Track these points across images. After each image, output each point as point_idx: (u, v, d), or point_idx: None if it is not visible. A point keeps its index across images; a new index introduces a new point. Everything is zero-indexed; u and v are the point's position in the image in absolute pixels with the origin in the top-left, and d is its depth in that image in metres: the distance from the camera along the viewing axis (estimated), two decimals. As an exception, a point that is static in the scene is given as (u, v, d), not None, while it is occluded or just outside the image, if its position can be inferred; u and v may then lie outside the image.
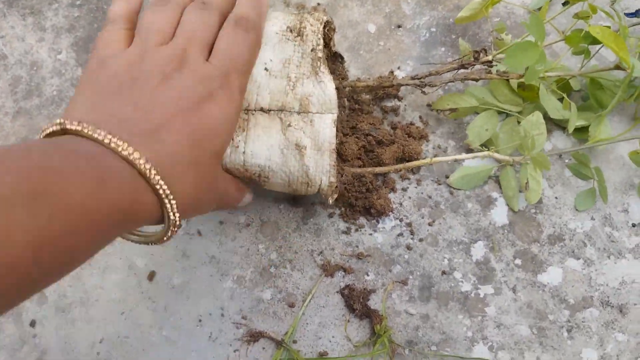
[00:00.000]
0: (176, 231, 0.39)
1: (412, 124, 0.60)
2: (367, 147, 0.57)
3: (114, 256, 0.56)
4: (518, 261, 0.55)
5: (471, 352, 0.52)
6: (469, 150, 0.59)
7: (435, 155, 0.59)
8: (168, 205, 0.37)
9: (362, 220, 0.56)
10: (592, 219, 0.56)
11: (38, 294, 0.55)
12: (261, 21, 0.46)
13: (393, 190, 0.57)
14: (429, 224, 0.57)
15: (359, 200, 0.56)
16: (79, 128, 0.35)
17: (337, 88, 0.50)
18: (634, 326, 0.53)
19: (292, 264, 0.55)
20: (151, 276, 0.55)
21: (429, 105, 0.62)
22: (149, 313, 0.54)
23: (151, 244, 0.41)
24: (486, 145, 0.59)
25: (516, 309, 0.54)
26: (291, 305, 0.54)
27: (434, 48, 0.64)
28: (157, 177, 0.36)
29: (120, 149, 0.35)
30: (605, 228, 0.56)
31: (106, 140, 0.35)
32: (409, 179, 0.58)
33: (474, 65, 0.56)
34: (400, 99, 0.62)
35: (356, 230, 0.56)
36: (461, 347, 0.53)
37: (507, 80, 0.58)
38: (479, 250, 0.56)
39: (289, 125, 0.48)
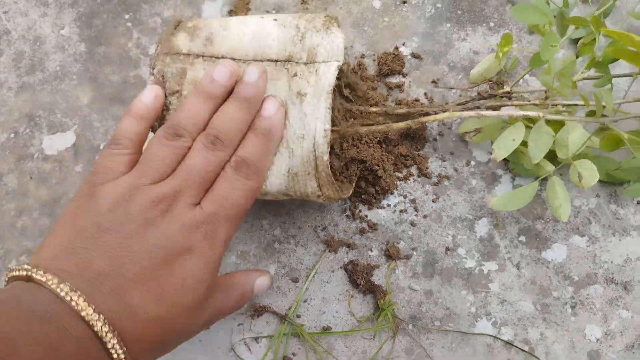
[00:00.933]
0: None
1: (416, 100, 0.60)
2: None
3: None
4: (522, 238, 0.55)
5: (474, 327, 0.53)
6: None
7: (440, 133, 0.59)
8: None
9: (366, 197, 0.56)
10: (597, 196, 0.56)
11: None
12: (265, 165, 0.44)
13: (397, 168, 0.57)
14: (433, 201, 0.56)
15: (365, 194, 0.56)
16: (43, 279, 0.34)
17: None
18: (638, 303, 0.53)
19: (296, 240, 0.55)
20: None
21: (433, 81, 0.61)
22: None
23: None
24: (507, 159, 0.57)
25: (520, 285, 0.54)
26: (295, 281, 0.54)
27: (439, 24, 0.64)
28: (114, 342, 0.34)
29: (79, 308, 0.34)
30: (610, 205, 0.56)
31: (67, 298, 0.34)
32: (413, 157, 0.58)
33: (493, 96, 0.55)
34: (405, 75, 0.62)
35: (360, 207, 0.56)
36: (464, 323, 0.53)
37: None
38: (483, 227, 0.56)
39: (295, 75, 0.46)
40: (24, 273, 0.35)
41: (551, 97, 0.52)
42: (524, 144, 0.51)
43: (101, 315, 0.34)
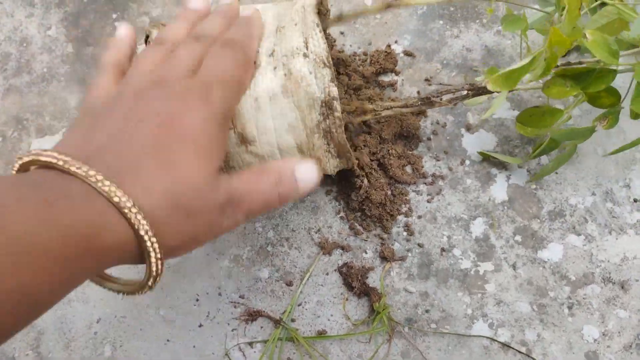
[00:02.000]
0: (161, 269, 0.35)
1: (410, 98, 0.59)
2: (370, 122, 0.56)
3: (109, 236, 0.55)
4: (518, 238, 0.55)
5: (471, 329, 0.52)
6: (469, 126, 0.58)
7: (434, 132, 0.58)
8: (134, 221, 0.32)
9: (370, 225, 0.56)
10: (594, 194, 0.56)
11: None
12: (252, 44, 0.44)
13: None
14: (428, 201, 0.56)
15: (375, 210, 0.55)
16: (30, 157, 0.33)
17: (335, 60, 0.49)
18: (636, 302, 0.52)
19: (290, 242, 0.55)
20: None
21: (426, 79, 0.60)
22: (146, 293, 0.53)
23: (131, 294, 0.37)
24: None
25: (516, 285, 0.53)
26: (289, 284, 0.53)
27: (431, 21, 0.63)
28: (113, 189, 0.32)
29: (67, 165, 0.32)
30: (606, 204, 0.55)
31: (59, 162, 0.32)
32: (408, 157, 0.57)
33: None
34: (397, 73, 0.61)
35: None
36: (461, 325, 0.52)
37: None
38: (478, 227, 0.55)
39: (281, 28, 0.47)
40: (30, 158, 0.33)
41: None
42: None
43: (93, 168, 0.32)
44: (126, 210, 0.32)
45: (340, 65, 0.58)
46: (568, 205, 0.55)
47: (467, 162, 0.57)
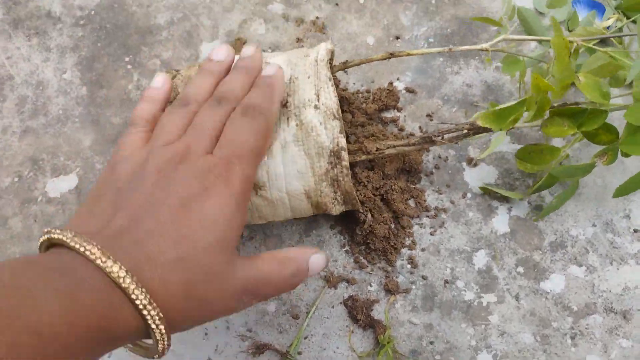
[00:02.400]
0: (167, 345, 0.36)
1: (412, 134, 0.61)
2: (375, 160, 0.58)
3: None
4: (520, 269, 0.55)
5: (475, 360, 0.53)
6: (470, 160, 0.60)
7: (436, 166, 0.60)
8: (148, 317, 0.34)
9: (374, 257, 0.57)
10: (594, 225, 0.57)
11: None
12: (272, 107, 0.45)
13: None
14: (431, 234, 0.57)
15: (379, 244, 0.56)
16: (60, 237, 0.35)
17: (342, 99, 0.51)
18: (638, 332, 0.53)
19: (296, 276, 0.56)
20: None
21: (428, 115, 0.62)
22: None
23: (150, 357, 0.39)
24: None
25: (519, 316, 0.54)
26: (295, 317, 0.55)
27: (432, 58, 0.65)
28: (132, 287, 0.34)
29: (93, 257, 0.34)
30: (607, 234, 0.56)
31: (81, 249, 0.34)
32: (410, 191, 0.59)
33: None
34: (400, 109, 0.63)
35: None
36: (465, 356, 0.53)
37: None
38: (481, 258, 0.56)
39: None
40: (46, 237, 0.36)
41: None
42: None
43: (117, 262, 0.34)
44: (141, 307, 0.34)
45: (344, 103, 0.60)
46: (569, 237, 0.56)
47: (469, 195, 0.58)
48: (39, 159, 0.62)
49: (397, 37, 0.66)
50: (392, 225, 0.57)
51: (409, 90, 0.64)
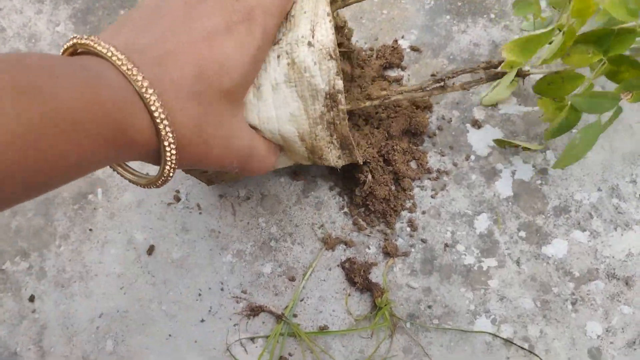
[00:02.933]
0: (172, 173, 0.37)
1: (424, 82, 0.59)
2: (380, 114, 0.56)
3: (113, 230, 0.56)
4: (522, 233, 0.54)
5: (473, 325, 0.52)
6: (474, 122, 0.58)
7: (439, 127, 0.58)
8: (163, 132, 0.35)
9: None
10: (599, 190, 0.55)
11: (37, 269, 0.55)
12: None
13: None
14: (432, 197, 0.56)
15: (378, 206, 0.55)
16: (87, 42, 0.35)
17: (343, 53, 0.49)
18: (641, 299, 0.52)
19: (293, 238, 0.55)
20: (150, 250, 0.55)
21: (432, 75, 0.60)
22: (148, 287, 0.54)
23: (145, 186, 0.39)
24: None
25: (520, 281, 0.53)
26: (291, 279, 0.54)
27: (438, 16, 0.63)
28: (154, 98, 0.34)
29: (120, 62, 0.34)
30: (612, 199, 0.55)
31: (108, 53, 0.34)
32: (412, 152, 0.57)
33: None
34: (403, 68, 0.61)
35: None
36: (463, 321, 0.52)
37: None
38: (482, 222, 0.55)
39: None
40: (71, 42, 0.36)
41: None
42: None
43: (141, 74, 0.34)
44: (158, 121, 0.34)
45: (352, 56, 0.57)
46: (573, 201, 0.55)
47: (472, 157, 0.57)
48: (31, 115, 0.60)
49: (401, -7, 0.63)
50: (393, 187, 0.55)
51: (414, 48, 0.61)
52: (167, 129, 0.35)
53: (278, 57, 0.44)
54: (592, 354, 0.51)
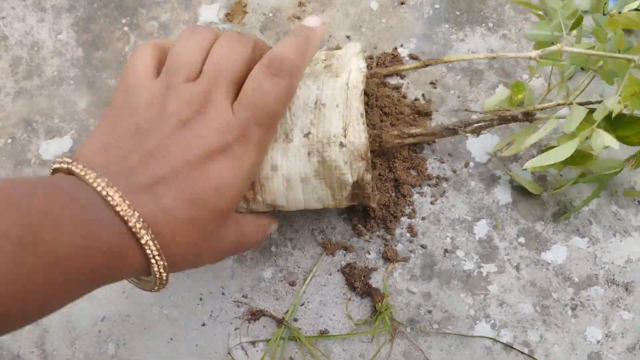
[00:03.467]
0: (164, 285, 0.38)
1: (416, 99, 0.60)
2: (384, 122, 0.57)
3: (115, 235, 0.56)
4: (522, 239, 0.55)
5: (473, 330, 0.52)
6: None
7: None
8: (155, 267, 0.36)
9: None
10: (598, 196, 0.55)
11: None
12: (301, 65, 0.41)
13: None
14: (431, 203, 0.56)
15: (378, 212, 0.55)
16: (82, 173, 0.35)
17: None
18: (640, 304, 0.52)
19: (293, 243, 0.55)
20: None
21: (432, 83, 0.61)
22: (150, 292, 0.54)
23: (146, 290, 0.40)
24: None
25: (519, 287, 0.53)
26: (292, 284, 0.54)
27: (437, 25, 0.63)
28: (147, 238, 0.34)
29: (115, 203, 0.34)
30: (611, 206, 0.55)
31: (103, 193, 0.34)
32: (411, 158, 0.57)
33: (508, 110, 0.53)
34: (403, 76, 0.61)
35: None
36: (463, 326, 0.52)
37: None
38: (482, 228, 0.55)
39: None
40: (65, 166, 0.36)
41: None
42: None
43: (135, 212, 0.34)
44: (150, 257, 0.35)
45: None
46: (572, 208, 0.55)
47: (472, 164, 0.57)
48: (33, 121, 0.60)
49: (402, 3, 0.64)
50: (392, 194, 0.56)
51: (413, 57, 0.62)
52: (160, 262, 0.36)
53: (309, 154, 0.44)
54: (592, 358, 0.51)
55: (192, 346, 0.52)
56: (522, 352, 0.51)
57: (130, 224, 0.34)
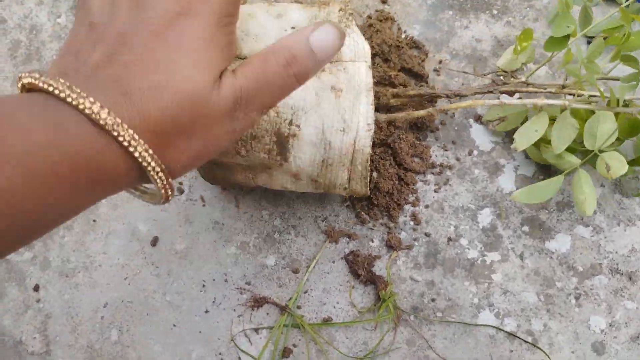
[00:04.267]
0: (169, 188, 0.33)
1: (422, 85, 0.59)
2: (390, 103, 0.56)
3: (117, 221, 0.56)
4: (525, 228, 0.54)
5: (477, 318, 0.52)
6: (477, 117, 0.58)
7: (442, 122, 0.58)
8: (136, 154, 0.31)
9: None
10: (602, 185, 0.55)
11: (41, 259, 0.54)
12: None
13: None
14: (435, 191, 0.56)
15: (382, 199, 0.55)
16: (29, 80, 0.31)
17: None
18: (643, 293, 0.52)
19: (296, 230, 0.55)
20: (154, 241, 0.55)
21: (435, 70, 0.60)
22: (153, 278, 0.54)
23: (157, 203, 0.36)
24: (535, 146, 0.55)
25: (523, 276, 0.53)
26: (295, 271, 0.54)
27: (441, 11, 0.63)
28: (111, 121, 0.30)
29: (63, 95, 0.30)
30: (615, 195, 0.55)
31: (50, 88, 0.30)
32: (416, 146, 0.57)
33: (506, 84, 0.54)
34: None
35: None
36: (467, 314, 0.52)
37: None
38: (485, 217, 0.55)
39: (323, 70, 0.45)
40: (19, 83, 0.32)
41: (577, 88, 0.51)
42: (547, 139, 0.50)
43: (89, 98, 0.30)
44: (126, 144, 0.31)
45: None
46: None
47: (475, 152, 0.57)
48: (34, 105, 0.60)
49: (406, -12, 0.64)
50: (396, 182, 0.55)
51: (417, 44, 0.62)
52: (139, 148, 0.31)
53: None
54: (595, 348, 0.51)
55: (195, 333, 0.52)
56: (525, 341, 0.51)
57: (87, 113, 0.30)
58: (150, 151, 0.32)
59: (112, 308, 0.53)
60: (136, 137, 0.31)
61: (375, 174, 0.53)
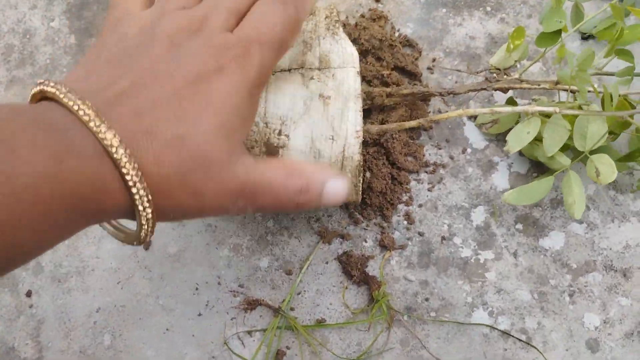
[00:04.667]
0: (150, 232, 0.33)
1: (415, 84, 0.59)
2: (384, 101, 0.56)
3: (110, 225, 0.56)
4: (519, 226, 0.54)
5: (471, 317, 0.52)
6: (471, 115, 0.58)
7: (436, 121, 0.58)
8: (136, 196, 0.31)
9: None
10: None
11: (34, 264, 0.55)
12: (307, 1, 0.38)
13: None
14: (428, 190, 0.56)
15: (375, 199, 0.55)
16: (54, 90, 0.31)
17: None
18: (638, 290, 0.52)
19: (289, 232, 0.55)
20: (147, 245, 0.55)
21: (429, 68, 0.60)
22: (145, 282, 0.54)
23: (128, 243, 0.36)
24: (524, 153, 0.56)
25: (517, 274, 0.53)
26: (288, 273, 0.53)
27: (435, 9, 0.62)
28: (125, 159, 0.30)
29: (87, 118, 0.30)
30: (609, 191, 0.55)
31: (74, 107, 0.30)
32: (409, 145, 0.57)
33: (499, 81, 0.53)
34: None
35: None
36: (461, 313, 0.52)
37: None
38: (479, 215, 0.55)
39: (311, 78, 0.45)
40: (37, 89, 0.32)
41: (570, 84, 0.50)
42: (539, 137, 0.50)
43: (112, 129, 0.30)
44: (131, 184, 0.30)
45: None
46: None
47: (469, 150, 0.57)
48: (26, 110, 0.60)
49: (397, -14, 0.63)
50: (390, 181, 0.55)
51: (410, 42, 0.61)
52: (142, 192, 0.31)
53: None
54: (589, 345, 0.51)
55: (189, 336, 0.52)
56: (519, 340, 0.51)
57: (104, 143, 0.30)
58: (150, 197, 0.31)
59: (105, 312, 0.53)
60: (143, 181, 0.31)
61: (368, 174, 0.53)
